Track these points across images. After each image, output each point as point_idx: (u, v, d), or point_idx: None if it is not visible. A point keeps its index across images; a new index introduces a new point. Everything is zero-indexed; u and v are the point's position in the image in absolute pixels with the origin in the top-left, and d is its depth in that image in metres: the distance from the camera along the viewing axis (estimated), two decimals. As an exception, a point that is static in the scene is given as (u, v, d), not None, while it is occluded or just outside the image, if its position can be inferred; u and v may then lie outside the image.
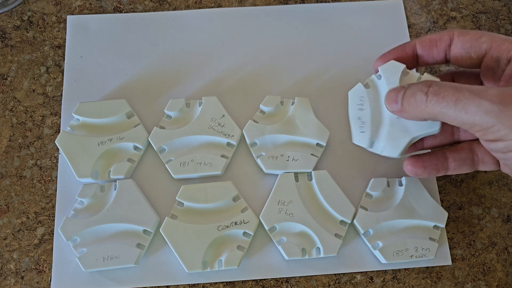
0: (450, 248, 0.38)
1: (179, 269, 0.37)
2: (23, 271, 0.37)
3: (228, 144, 0.39)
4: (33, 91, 0.42)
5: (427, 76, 0.32)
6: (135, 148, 0.39)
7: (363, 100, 0.34)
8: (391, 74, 0.33)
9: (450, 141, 0.35)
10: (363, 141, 0.33)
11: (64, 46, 0.43)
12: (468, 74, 0.35)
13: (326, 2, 0.46)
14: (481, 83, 0.33)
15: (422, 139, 0.36)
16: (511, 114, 0.25)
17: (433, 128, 0.32)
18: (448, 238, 0.39)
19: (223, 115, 0.39)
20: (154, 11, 0.45)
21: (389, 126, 0.33)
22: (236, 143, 0.39)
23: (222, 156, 0.38)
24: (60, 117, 0.41)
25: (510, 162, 0.28)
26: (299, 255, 0.36)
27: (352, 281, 0.37)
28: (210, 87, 0.42)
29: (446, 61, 0.33)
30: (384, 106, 0.33)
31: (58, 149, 0.40)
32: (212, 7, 0.45)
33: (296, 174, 0.38)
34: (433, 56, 0.33)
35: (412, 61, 0.34)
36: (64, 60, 0.43)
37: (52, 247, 0.37)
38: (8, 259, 0.37)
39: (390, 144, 0.33)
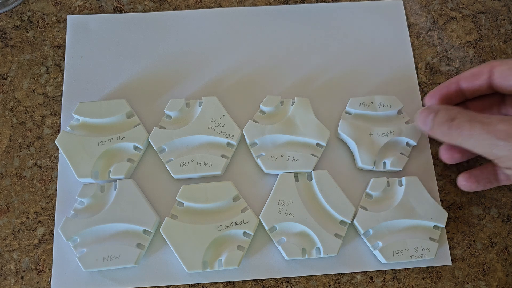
0: (450, 248, 0.38)
1: (179, 269, 0.37)
2: (23, 271, 0.37)
3: (228, 144, 0.39)
4: (33, 91, 0.42)
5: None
6: (135, 148, 0.39)
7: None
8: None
9: None
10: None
11: (64, 46, 0.43)
12: None
13: (326, 2, 0.46)
14: None
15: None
16: None
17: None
18: (448, 238, 0.39)
19: (223, 115, 0.39)
20: (154, 11, 0.45)
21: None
22: (236, 143, 0.39)
23: (222, 156, 0.38)
24: (60, 117, 0.41)
25: None
26: (299, 255, 0.36)
27: (352, 281, 0.37)
28: (210, 87, 0.42)
29: (492, 90, 0.36)
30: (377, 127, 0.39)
31: (58, 149, 0.40)
32: (212, 7, 0.45)
33: (296, 174, 0.38)
34: (477, 88, 0.35)
35: (458, 96, 0.37)
36: (64, 60, 0.43)
37: (52, 247, 0.37)
38: (8, 259, 0.37)
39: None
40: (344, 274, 0.38)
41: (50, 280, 0.37)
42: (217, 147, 0.39)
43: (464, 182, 0.36)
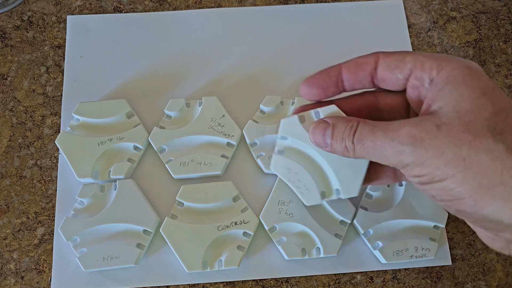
0: (450, 248, 0.38)
1: (179, 269, 0.37)
2: (23, 271, 0.37)
3: (228, 144, 0.39)
4: (33, 91, 0.42)
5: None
6: (135, 148, 0.39)
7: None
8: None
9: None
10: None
11: (64, 46, 0.43)
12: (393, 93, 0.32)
13: (326, 2, 0.46)
14: (407, 102, 0.31)
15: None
16: (421, 153, 0.25)
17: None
18: (448, 238, 0.39)
19: (223, 115, 0.39)
20: (154, 11, 0.45)
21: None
22: (236, 143, 0.39)
23: (222, 156, 0.38)
24: (60, 117, 0.41)
25: (427, 193, 0.27)
26: (299, 255, 0.36)
27: (352, 281, 0.37)
28: (210, 87, 0.42)
29: (374, 85, 0.31)
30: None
31: (58, 149, 0.40)
32: (212, 7, 0.45)
33: (296, 174, 0.38)
34: (359, 80, 0.31)
35: (337, 87, 0.32)
36: (64, 60, 0.43)
37: (52, 247, 0.37)
38: (8, 259, 0.37)
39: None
40: (344, 274, 0.38)
41: (50, 280, 0.37)
42: (217, 147, 0.39)
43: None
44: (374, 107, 0.32)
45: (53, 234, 0.38)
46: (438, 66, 0.27)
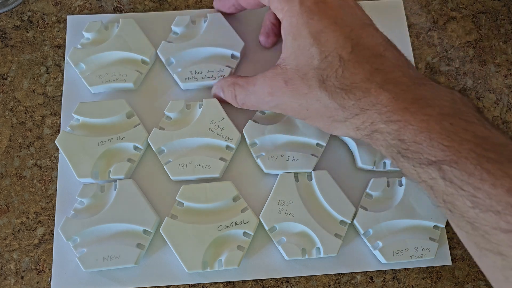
0: (450, 248, 0.38)
1: (179, 269, 0.37)
2: (23, 271, 0.37)
3: (227, 147, 0.39)
4: (33, 91, 0.42)
5: None
6: (135, 148, 0.39)
7: None
8: None
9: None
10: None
11: (64, 46, 0.43)
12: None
13: (326, 2, 0.45)
14: None
15: None
16: (279, 104, 0.34)
17: None
18: (448, 238, 0.39)
19: (223, 118, 0.39)
20: (154, 11, 0.45)
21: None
22: (235, 146, 0.39)
23: (221, 159, 0.38)
24: (60, 117, 0.41)
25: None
26: (299, 255, 0.36)
27: (352, 281, 0.37)
28: (211, 88, 0.42)
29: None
30: None
31: (58, 149, 0.40)
32: (212, 7, 0.45)
33: (296, 174, 0.38)
34: (249, 2, 0.38)
35: (236, 7, 0.41)
36: (64, 60, 0.43)
37: (52, 247, 0.37)
38: (8, 259, 0.37)
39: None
40: (344, 274, 0.38)
41: (50, 280, 0.37)
42: (216, 149, 0.39)
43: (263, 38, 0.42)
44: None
45: (53, 234, 0.38)
46: (282, 10, 0.32)
